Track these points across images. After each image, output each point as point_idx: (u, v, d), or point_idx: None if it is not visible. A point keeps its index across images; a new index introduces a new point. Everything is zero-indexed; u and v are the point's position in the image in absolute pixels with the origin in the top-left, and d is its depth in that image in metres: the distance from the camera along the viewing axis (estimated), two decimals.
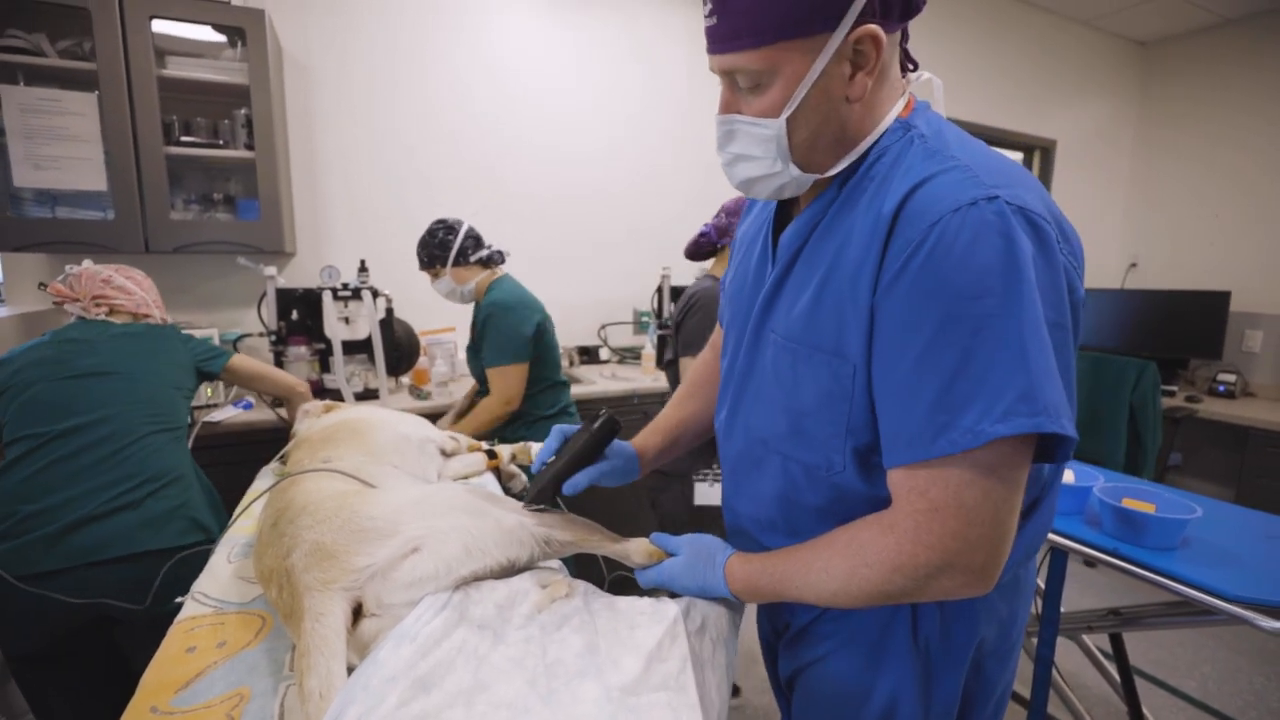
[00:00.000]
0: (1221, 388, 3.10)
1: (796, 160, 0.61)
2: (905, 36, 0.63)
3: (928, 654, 0.68)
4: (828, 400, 0.62)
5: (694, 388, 0.96)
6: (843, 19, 0.53)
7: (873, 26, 0.53)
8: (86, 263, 1.43)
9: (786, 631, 0.81)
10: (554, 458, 0.83)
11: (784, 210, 0.74)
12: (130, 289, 1.44)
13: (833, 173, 0.63)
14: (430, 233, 1.84)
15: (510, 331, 1.75)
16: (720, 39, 0.57)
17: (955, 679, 0.69)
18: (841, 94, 0.57)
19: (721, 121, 0.63)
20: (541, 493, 0.81)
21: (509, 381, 1.76)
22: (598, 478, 0.84)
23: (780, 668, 0.84)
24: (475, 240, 1.85)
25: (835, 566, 0.61)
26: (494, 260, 1.88)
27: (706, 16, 0.59)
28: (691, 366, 0.98)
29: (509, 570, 0.78)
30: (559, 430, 0.86)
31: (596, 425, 0.82)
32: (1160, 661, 2.15)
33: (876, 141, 0.61)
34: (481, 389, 1.91)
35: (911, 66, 0.65)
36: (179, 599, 0.87)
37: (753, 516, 0.77)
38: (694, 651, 0.71)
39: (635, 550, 0.81)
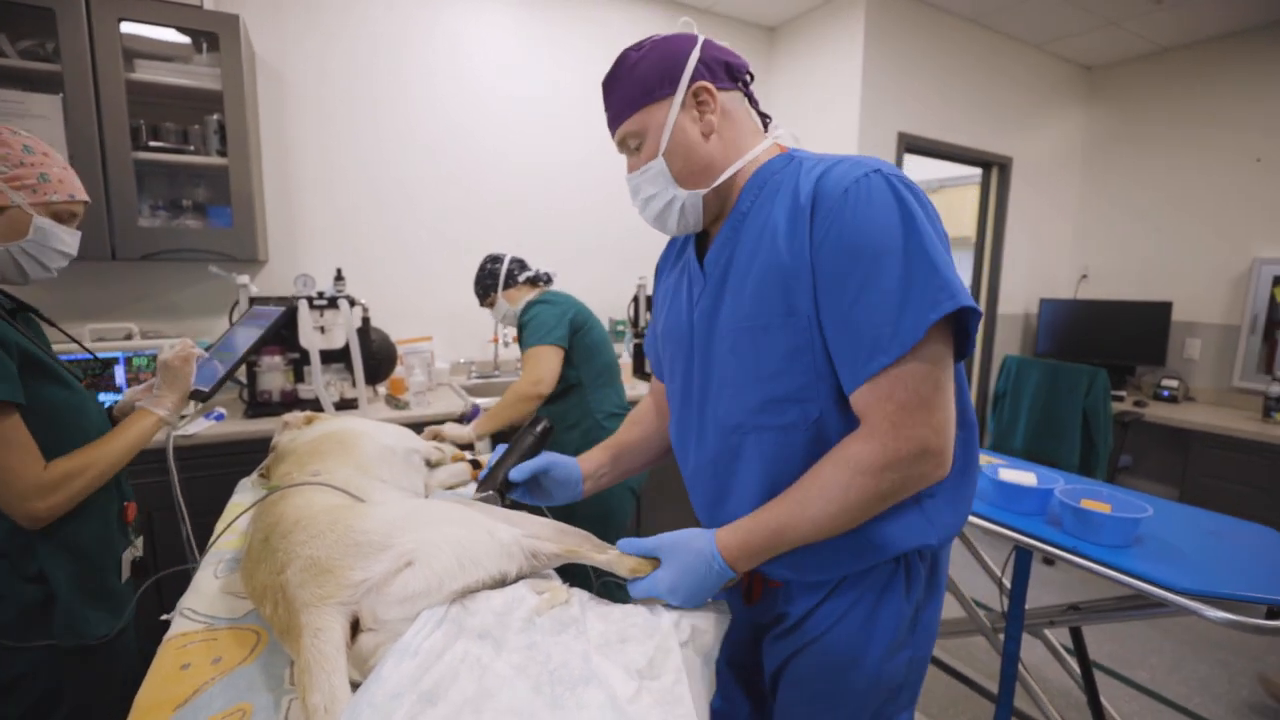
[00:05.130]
0: (1165, 393, 3.28)
1: (681, 185, 0.79)
2: (754, 102, 0.84)
3: (917, 607, 0.80)
4: (793, 354, 0.72)
5: (637, 417, 1.08)
6: (679, 83, 0.75)
7: (704, 82, 0.76)
8: None
9: (780, 623, 0.85)
10: (502, 456, 0.98)
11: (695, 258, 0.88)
12: None
13: (712, 186, 0.79)
14: (480, 269, 2.00)
15: (546, 317, 1.82)
16: (613, 119, 0.81)
17: (935, 619, 0.83)
18: (698, 132, 0.77)
19: (630, 180, 0.83)
20: (489, 479, 0.94)
21: (540, 361, 1.78)
22: (538, 470, 0.96)
23: (766, 663, 0.87)
24: (520, 264, 2.00)
25: (830, 489, 0.69)
26: (540, 279, 2.01)
27: (605, 110, 0.82)
28: (637, 406, 1.12)
29: (500, 583, 0.79)
30: (502, 446, 1.01)
31: (539, 428, 1.01)
32: (1114, 654, 2.26)
33: (757, 170, 0.79)
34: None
35: (768, 120, 0.86)
36: (165, 616, 0.86)
37: (743, 510, 0.80)
38: (688, 663, 0.72)
39: (621, 561, 0.83)
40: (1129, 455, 3.47)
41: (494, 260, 1.98)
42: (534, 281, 1.99)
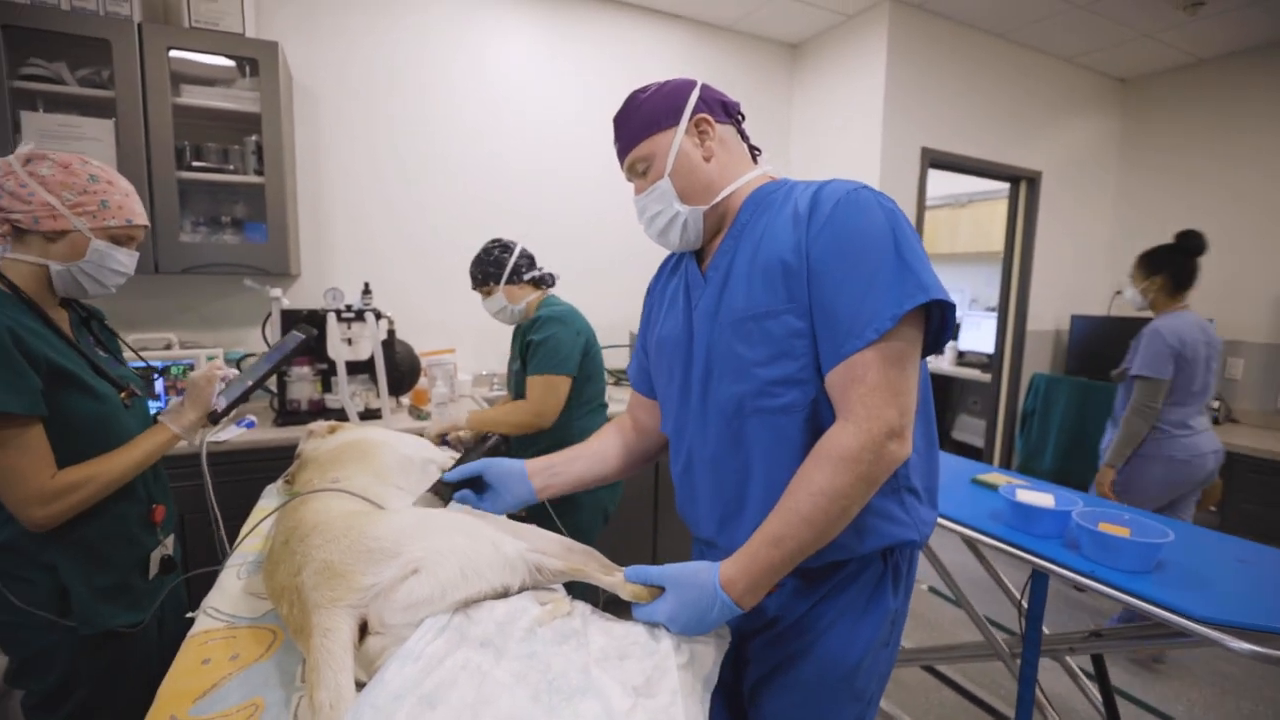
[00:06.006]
0: None
1: (684, 202, 0.88)
2: (745, 136, 0.94)
3: (902, 602, 0.88)
4: (792, 337, 0.79)
5: (607, 428, 1.13)
6: (682, 115, 0.87)
7: (703, 115, 0.87)
8: (25, 147, 1.05)
9: (771, 628, 0.88)
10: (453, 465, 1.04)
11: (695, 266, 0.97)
12: (24, 193, 1.00)
13: (712, 204, 0.88)
14: (485, 251, 1.86)
15: (563, 342, 1.75)
16: (623, 149, 0.92)
17: (904, 615, 0.90)
18: (699, 156, 0.87)
19: (637, 200, 0.92)
20: (436, 485, 1.01)
21: (548, 392, 1.73)
22: (474, 472, 1.02)
23: (752, 670, 0.89)
24: (529, 260, 1.89)
25: (815, 481, 0.73)
26: (545, 281, 1.91)
27: (615, 142, 0.93)
28: (613, 420, 1.18)
29: (502, 595, 0.81)
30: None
31: (489, 443, 1.08)
32: (1149, 686, 2.17)
33: (754, 191, 0.89)
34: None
35: (758, 153, 0.97)
36: (190, 614, 0.90)
37: (741, 499, 0.85)
38: (683, 685, 0.72)
39: (624, 587, 0.83)
40: None
41: (503, 248, 1.85)
42: (538, 282, 1.90)
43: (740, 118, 0.94)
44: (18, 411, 0.92)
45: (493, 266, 1.83)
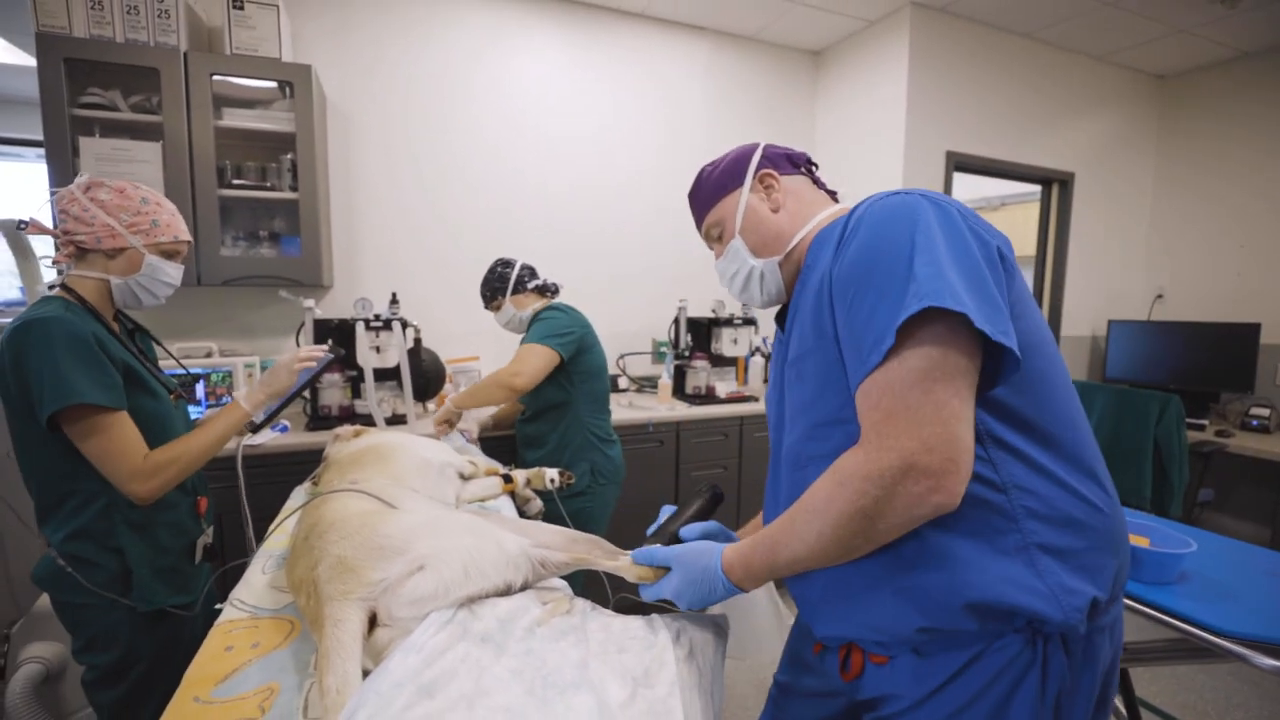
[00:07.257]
0: (1255, 422, 3.01)
1: (757, 256, 0.90)
2: (820, 184, 0.94)
3: (1058, 705, 0.66)
4: (827, 373, 0.73)
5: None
6: (745, 176, 0.90)
7: (767, 170, 0.89)
8: (84, 177, 1.15)
9: (886, 706, 0.75)
10: (674, 513, 0.98)
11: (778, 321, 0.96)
12: (87, 216, 1.12)
13: (783, 254, 0.88)
14: (490, 270, 2.02)
15: (559, 322, 1.85)
16: (699, 219, 0.97)
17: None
18: (766, 209, 0.89)
19: (717, 266, 0.96)
20: (659, 533, 0.94)
21: (531, 356, 1.79)
22: (706, 534, 0.93)
23: None
24: (530, 271, 2.02)
25: (815, 500, 0.68)
26: (549, 289, 2.04)
27: (692, 215, 0.99)
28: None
29: (505, 592, 0.85)
30: (669, 507, 1.03)
31: (711, 493, 1.02)
32: (1188, 705, 2.08)
33: (822, 230, 0.83)
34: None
35: (834, 194, 0.95)
36: (218, 605, 0.96)
37: None
38: (682, 677, 0.75)
39: (630, 569, 0.87)
40: (1210, 489, 3.20)
41: (505, 264, 2.00)
42: (542, 290, 2.02)
43: (813, 167, 0.94)
44: (108, 405, 1.05)
45: (498, 282, 1.99)
